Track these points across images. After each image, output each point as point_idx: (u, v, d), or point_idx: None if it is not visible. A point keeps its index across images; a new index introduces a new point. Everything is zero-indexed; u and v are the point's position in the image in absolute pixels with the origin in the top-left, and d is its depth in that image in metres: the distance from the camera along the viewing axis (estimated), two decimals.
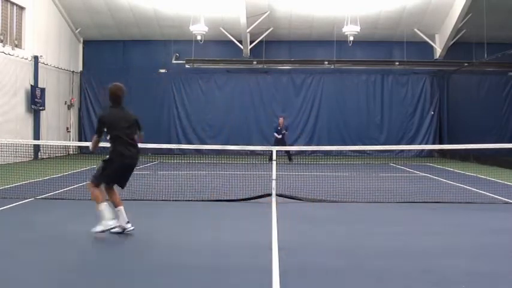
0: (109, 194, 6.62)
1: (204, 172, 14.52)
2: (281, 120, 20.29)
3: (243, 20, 20.80)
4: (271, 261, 5.27)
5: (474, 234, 6.89)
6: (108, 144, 6.59)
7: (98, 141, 6.60)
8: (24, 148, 15.56)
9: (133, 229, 6.50)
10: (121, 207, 6.53)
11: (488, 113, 22.96)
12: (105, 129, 6.50)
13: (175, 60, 23.73)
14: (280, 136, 19.76)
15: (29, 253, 5.66)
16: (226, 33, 22.68)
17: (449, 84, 24.10)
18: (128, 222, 6.52)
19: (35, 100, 19.72)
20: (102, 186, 6.56)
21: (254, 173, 13.97)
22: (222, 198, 9.54)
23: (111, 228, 6.34)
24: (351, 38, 21.06)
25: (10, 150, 12.38)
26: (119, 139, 6.47)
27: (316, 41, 23.66)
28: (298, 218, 8.00)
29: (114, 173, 6.54)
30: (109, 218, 6.31)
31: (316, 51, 23.58)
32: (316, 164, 18.17)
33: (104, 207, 6.34)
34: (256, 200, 9.29)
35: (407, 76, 24.17)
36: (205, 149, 18.91)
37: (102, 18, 22.69)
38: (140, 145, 10.55)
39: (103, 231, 6.30)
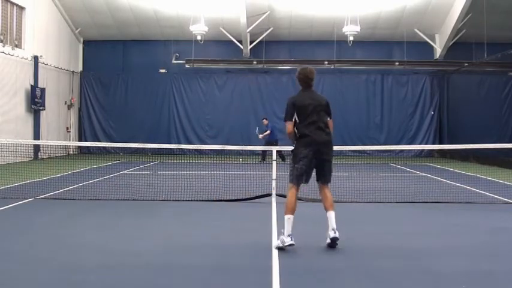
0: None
1: (204, 172, 14.51)
2: (265, 121, 20.53)
3: (243, 20, 20.80)
4: (271, 261, 5.27)
5: (474, 234, 6.89)
6: None
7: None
8: (24, 148, 15.54)
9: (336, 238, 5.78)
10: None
11: (488, 113, 22.94)
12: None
13: (175, 60, 23.74)
14: (261, 136, 19.84)
15: (29, 253, 5.66)
16: (226, 33, 22.68)
17: (449, 84, 24.10)
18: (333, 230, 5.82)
19: (35, 100, 19.72)
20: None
21: (254, 173, 13.97)
22: (222, 198, 9.55)
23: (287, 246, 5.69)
24: (351, 38, 21.07)
25: (10, 150, 12.37)
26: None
27: (316, 41, 23.67)
28: (298, 218, 7.98)
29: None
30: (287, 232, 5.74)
31: (316, 51, 23.58)
32: None
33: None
34: (256, 200, 9.28)
35: (407, 76, 24.18)
36: (205, 149, 18.92)
37: (102, 18, 22.69)
38: (142, 145, 10.47)
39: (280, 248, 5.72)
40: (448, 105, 24.00)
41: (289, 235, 5.72)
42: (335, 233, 5.80)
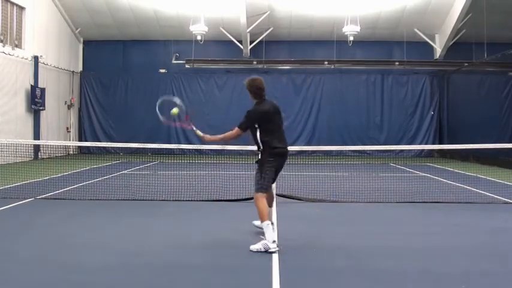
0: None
1: (204, 172, 14.51)
2: None
3: (243, 20, 20.80)
4: (271, 261, 5.28)
5: (474, 234, 6.89)
6: None
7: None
8: (24, 148, 15.55)
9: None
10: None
11: (488, 113, 22.90)
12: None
13: (175, 60, 23.74)
14: None
15: (29, 253, 5.66)
16: (226, 33, 22.68)
17: (449, 84, 24.10)
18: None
19: (35, 100, 19.72)
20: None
21: (254, 173, 13.95)
22: (222, 198, 9.55)
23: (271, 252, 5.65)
24: (351, 38, 21.06)
25: (10, 150, 12.37)
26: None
27: (316, 41, 23.66)
28: (298, 218, 8.00)
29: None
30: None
31: (316, 51, 23.58)
32: (316, 164, 18.16)
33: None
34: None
35: (407, 76, 24.17)
36: (205, 149, 18.88)
37: (102, 18, 22.69)
38: (142, 145, 10.48)
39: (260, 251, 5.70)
40: (448, 105, 23.99)
41: (274, 241, 5.71)
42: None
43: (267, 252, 5.61)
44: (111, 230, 7.08)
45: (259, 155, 6.16)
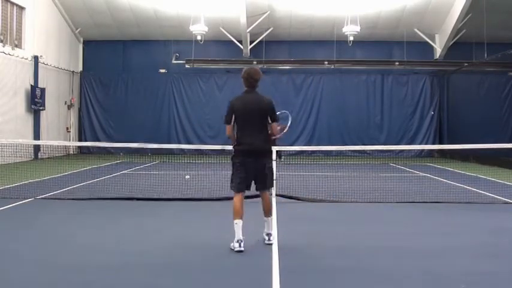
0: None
1: (204, 172, 14.51)
2: None
3: (243, 20, 20.80)
4: (271, 261, 5.28)
5: (474, 234, 6.89)
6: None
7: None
8: (24, 148, 15.56)
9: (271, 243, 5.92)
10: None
11: (488, 113, 22.91)
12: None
13: (175, 60, 23.74)
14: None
15: (29, 253, 5.66)
16: (226, 33, 22.68)
17: (449, 84, 24.10)
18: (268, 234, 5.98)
19: (35, 100, 19.72)
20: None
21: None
22: (222, 198, 9.54)
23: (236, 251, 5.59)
24: (351, 38, 21.05)
25: (10, 150, 12.37)
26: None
27: (316, 41, 23.65)
28: (298, 218, 8.00)
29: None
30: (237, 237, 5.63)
31: (316, 51, 23.57)
32: (316, 164, 18.16)
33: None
34: (256, 199, 9.25)
35: (407, 76, 24.17)
36: (206, 149, 18.90)
37: (102, 18, 22.69)
38: (142, 145, 10.46)
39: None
40: (448, 105, 23.99)
41: (238, 241, 5.60)
42: (269, 239, 5.98)
43: (233, 250, 5.63)
44: (111, 230, 7.07)
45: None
